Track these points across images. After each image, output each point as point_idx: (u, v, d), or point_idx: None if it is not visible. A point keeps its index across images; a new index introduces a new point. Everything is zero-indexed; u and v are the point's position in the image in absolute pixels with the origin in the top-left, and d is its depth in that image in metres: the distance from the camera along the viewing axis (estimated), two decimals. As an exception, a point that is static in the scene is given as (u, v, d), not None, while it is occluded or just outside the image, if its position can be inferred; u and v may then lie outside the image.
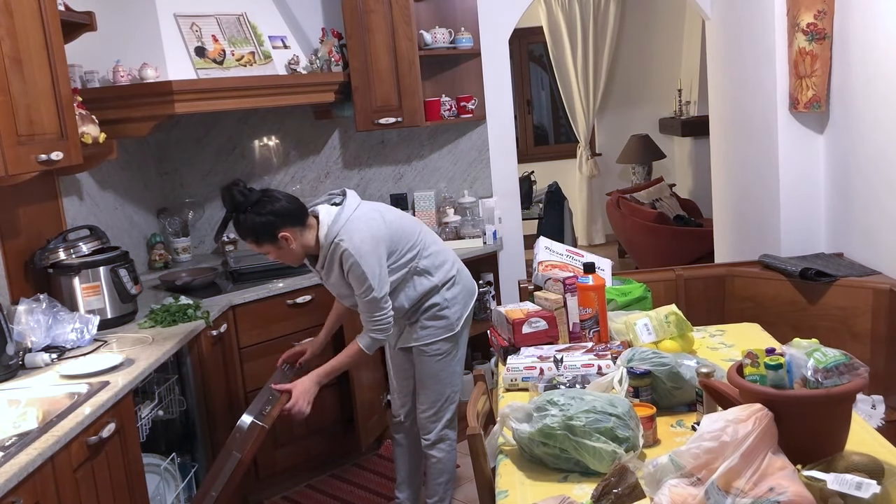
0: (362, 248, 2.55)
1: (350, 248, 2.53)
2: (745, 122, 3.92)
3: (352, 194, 2.68)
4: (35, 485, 1.84)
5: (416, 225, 2.81)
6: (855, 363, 1.60)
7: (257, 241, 2.56)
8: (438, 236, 2.98)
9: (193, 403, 2.99)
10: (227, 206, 2.54)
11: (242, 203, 2.51)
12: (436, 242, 2.85)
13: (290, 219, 2.55)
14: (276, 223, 2.52)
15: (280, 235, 2.54)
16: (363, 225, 2.58)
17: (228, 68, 3.48)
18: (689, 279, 3.35)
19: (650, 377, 2.02)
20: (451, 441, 2.90)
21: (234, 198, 2.51)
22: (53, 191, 3.13)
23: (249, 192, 2.53)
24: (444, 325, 2.79)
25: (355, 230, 2.56)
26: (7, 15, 2.33)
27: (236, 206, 2.52)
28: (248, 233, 2.55)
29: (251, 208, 2.51)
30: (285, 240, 2.55)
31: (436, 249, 2.81)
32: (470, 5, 4.16)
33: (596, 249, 7.20)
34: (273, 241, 2.55)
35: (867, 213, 3.14)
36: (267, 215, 2.51)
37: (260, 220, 2.51)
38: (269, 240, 2.55)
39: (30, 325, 2.59)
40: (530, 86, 7.99)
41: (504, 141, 4.35)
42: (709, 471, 1.46)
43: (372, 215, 2.64)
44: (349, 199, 2.64)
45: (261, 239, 2.55)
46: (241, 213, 2.52)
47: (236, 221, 2.54)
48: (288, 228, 2.54)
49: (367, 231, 2.58)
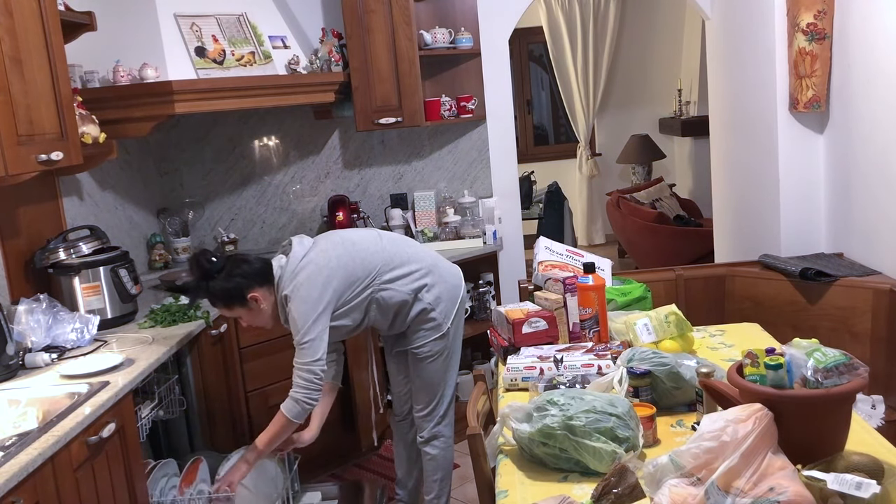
0: (301, 293, 2.52)
1: (291, 294, 2.53)
2: (745, 122, 3.92)
3: (298, 241, 2.64)
4: (35, 485, 1.84)
5: (377, 244, 2.73)
6: (855, 363, 1.60)
7: (228, 305, 2.58)
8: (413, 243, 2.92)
9: (193, 403, 2.99)
10: (195, 275, 2.55)
11: (210, 270, 2.53)
12: (403, 253, 2.76)
13: (257, 278, 2.55)
14: (243, 285, 2.53)
15: (249, 297, 2.54)
16: (307, 272, 2.54)
17: (228, 68, 3.48)
18: (689, 279, 3.35)
19: (650, 377, 2.02)
20: (447, 438, 2.91)
21: (201, 266, 2.53)
22: (53, 191, 3.13)
23: (216, 260, 2.55)
24: (432, 327, 2.77)
25: (300, 278, 2.54)
26: (7, 15, 2.33)
27: (205, 275, 2.53)
28: (219, 298, 2.57)
29: (219, 275, 2.53)
30: (255, 300, 2.55)
31: (404, 261, 2.73)
32: (470, 5, 4.16)
33: (596, 249, 7.20)
34: (243, 303, 2.56)
35: (867, 213, 3.14)
36: (235, 278, 2.53)
37: (229, 284, 2.52)
38: (239, 303, 2.56)
39: (30, 325, 2.59)
40: (530, 86, 7.99)
41: (504, 141, 4.35)
42: (709, 471, 1.46)
43: (320, 259, 2.58)
44: (295, 248, 2.60)
45: (231, 303, 2.56)
46: (211, 281, 2.53)
47: (206, 289, 2.55)
48: (256, 289, 2.55)
49: (312, 277, 2.54)
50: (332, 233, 2.82)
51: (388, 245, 2.74)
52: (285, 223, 4.32)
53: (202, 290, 2.56)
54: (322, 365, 2.54)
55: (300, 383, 2.53)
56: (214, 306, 2.63)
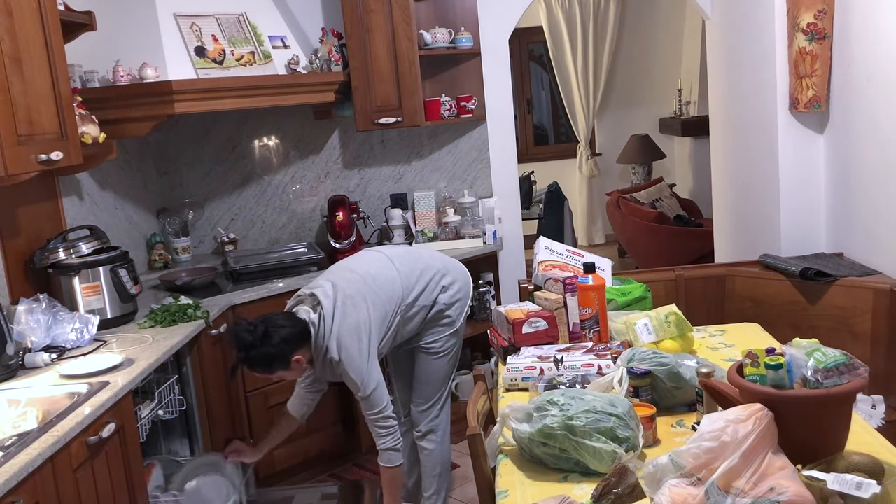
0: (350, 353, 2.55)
1: (341, 358, 2.54)
2: (745, 122, 3.92)
3: (322, 294, 2.61)
4: (35, 485, 1.84)
5: (391, 271, 2.74)
6: (855, 363, 1.60)
7: (270, 370, 2.54)
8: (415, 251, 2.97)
9: (193, 403, 2.99)
10: (236, 347, 2.50)
11: (252, 342, 2.46)
12: (414, 270, 2.78)
13: (297, 341, 2.53)
14: (287, 350, 2.50)
15: (294, 360, 2.52)
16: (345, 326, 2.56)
17: (228, 68, 3.48)
18: (689, 279, 3.34)
19: (650, 377, 2.02)
20: (443, 432, 2.92)
21: (242, 340, 2.47)
22: (53, 191, 3.13)
23: (254, 328, 2.48)
24: (447, 324, 2.84)
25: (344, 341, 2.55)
26: (7, 15, 2.33)
27: (247, 347, 2.47)
28: (262, 364, 2.51)
29: (260, 343, 2.47)
30: (298, 362, 2.54)
31: (417, 277, 2.76)
32: (470, 5, 4.16)
33: (596, 249, 7.20)
34: (286, 366, 2.53)
35: (867, 213, 3.14)
36: (278, 345, 2.48)
37: (272, 351, 2.48)
38: (282, 366, 2.53)
39: (30, 325, 2.59)
40: (530, 86, 7.99)
41: (504, 141, 4.35)
42: (709, 471, 1.46)
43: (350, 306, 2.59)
44: (324, 303, 2.58)
45: (274, 367, 2.53)
46: (252, 350, 2.47)
47: (248, 360, 2.50)
48: (298, 351, 2.53)
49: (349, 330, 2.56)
50: (347, 270, 2.76)
51: (400, 268, 2.77)
52: (285, 223, 4.32)
53: (246, 360, 2.50)
54: (391, 407, 2.64)
55: (382, 434, 2.63)
56: (254, 371, 2.56)
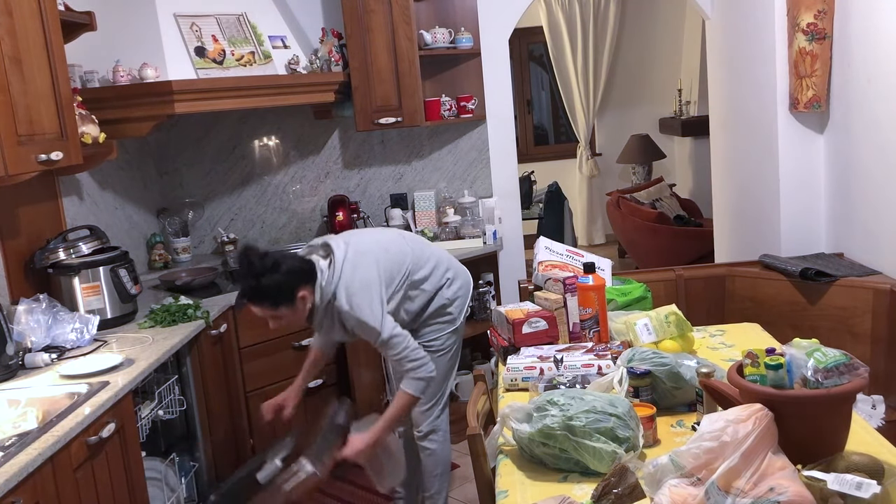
0: (358, 302, 2.50)
1: (347, 306, 2.49)
2: (745, 122, 3.92)
3: (336, 245, 2.59)
4: (35, 485, 1.84)
5: (404, 245, 2.75)
6: (855, 363, 1.59)
7: (276, 304, 2.46)
8: (426, 240, 2.96)
9: (193, 403, 2.99)
10: (245, 273, 2.44)
11: (262, 267, 2.41)
12: (424, 252, 2.79)
13: (305, 277, 2.48)
14: (294, 283, 2.45)
15: (299, 296, 2.46)
16: (356, 279, 2.52)
17: (228, 68, 3.48)
18: (689, 279, 3.35)
19: (650, 377, 2.02)
20: (444, 432, 2.92)
21: (251, 264, 2.42)
22: (53, 191, 3.13)
23: (265, 255, 2.44)
24: (448, 320, 2.83)
25: (351, 286, 2.51)
26: (7, 15, 2.33)
27: (256, 273, 2.41)
28: (269, 297, 2.44)
29: (269, 272, 2.41)
30: (303, 299, 2.48)
31: (426, 259, 2.77)
32: (470, 5, 4.16)
33: (596, 249, 7.20)
34: (291, 302, 2.46)
35: (867, 213, 3.14)
36: (286, 274, 2.43)
37: (280, 279, 2.42)
38: (287, 302, 2.46)
39: (30, 325, 2.59)
40: (530, 86, 7.99)
41: (504, 141, 4.35)
42: (709, 471, 1.46)
43: (363, 261, 2.57)
44: (336, 254, 2.55)
45: (280, 301, 2.46)
46: (262, 278, 2.41)
47: (257, 288, 2.43)
48: (304, 287, 2.48)
49: (361, 283, 2.52)
50: (361, 233, 2.79)
51: (413, 246, 2.78)
52: (285, 223, 4.32)
53: (252, 288, 2.44)
54: (414, 343, 2.57)
55: (412, 366, 2.53)
56: (259, 304, 2.47)
